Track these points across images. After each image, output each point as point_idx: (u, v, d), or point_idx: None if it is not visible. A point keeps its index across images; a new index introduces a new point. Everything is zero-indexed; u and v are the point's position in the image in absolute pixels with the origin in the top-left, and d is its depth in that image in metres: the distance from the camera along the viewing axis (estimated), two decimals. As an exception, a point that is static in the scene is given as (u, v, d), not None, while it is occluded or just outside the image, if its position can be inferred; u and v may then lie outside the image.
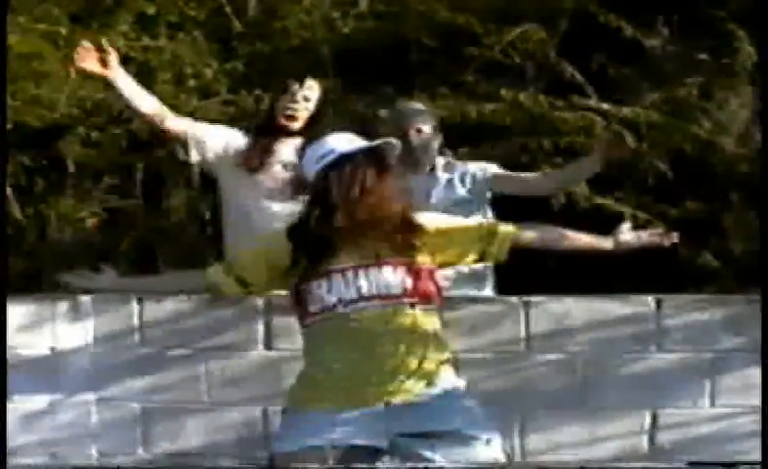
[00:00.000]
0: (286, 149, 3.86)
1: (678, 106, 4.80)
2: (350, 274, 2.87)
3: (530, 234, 3.11)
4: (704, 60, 4.89)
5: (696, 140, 4.71)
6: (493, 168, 4.02)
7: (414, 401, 2.81)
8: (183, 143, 3.93)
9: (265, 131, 3.90)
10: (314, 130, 3.73)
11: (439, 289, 3.01)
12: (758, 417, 3.27)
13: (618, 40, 5.02)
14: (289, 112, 3.83)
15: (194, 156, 3.91)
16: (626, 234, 3.24)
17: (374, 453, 2.85)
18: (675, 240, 3.26)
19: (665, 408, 3.43)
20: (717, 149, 4.63)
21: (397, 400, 2.80)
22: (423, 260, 2.94)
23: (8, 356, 3.35)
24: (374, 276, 2.87)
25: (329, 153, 2.94)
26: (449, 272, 3.43)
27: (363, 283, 2.86)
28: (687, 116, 4.79)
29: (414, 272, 2.91)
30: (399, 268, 2.89)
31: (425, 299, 2.92)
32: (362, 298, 2.86)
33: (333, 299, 2.87)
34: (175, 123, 3.92)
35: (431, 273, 2.97)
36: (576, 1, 5.37)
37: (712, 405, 3.44)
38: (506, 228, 3.07)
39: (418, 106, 4.18)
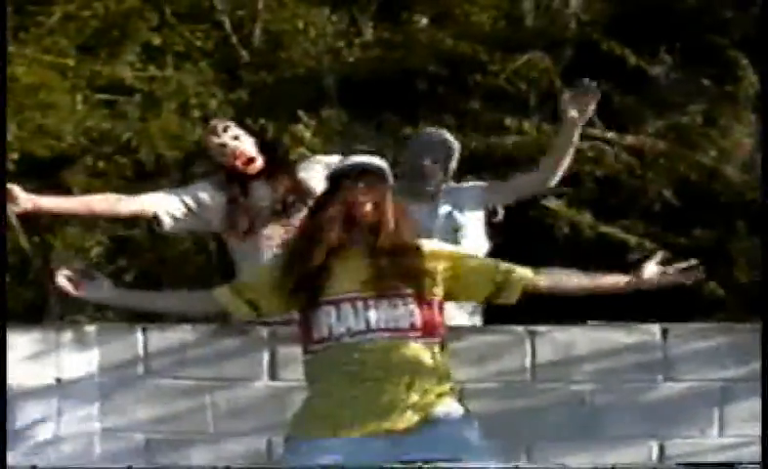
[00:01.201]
0: (257, 191, 3.70)
1: (682, 133, 4.81)
2: (360, 304, 2.86)
3: (546, 281, 3.00)
4: (707, 87, 4.89)
5: (700, 167, 4.72)
6: (483, 183, 4.03)
7: (414, 429, 2.80)
8: (150, 217, 3.72)
9: (233, 184, 3.68)
10: (282, 165, 3.66)
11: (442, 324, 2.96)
12: None
13: (621, 68, 5.03)
14: (243, 158, 3.61)
15: (168, 224, 3.70)
16: (652, 270, 3.00)
17: None
18: (702, 276, 3.01)
19: (673, 439, 3.41)
20: (721, 176, 4.63)
21: (398, 428, 2.79)
22: (434, 292, 2.92)
23: (13, 386, 3.34)
24: (384, 308, 2.86)
25: (336, 171, 2.94)
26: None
27: (372, 315, 2.85)
28: (691, 144, 4.79)
29: (424, 305, 2.89)
30: (408, 300, 2.88)
31: (431, 332, 2.90)
32: (369, 330, 2.85)
33: (342, 329, 2.86)
34: (130, 205, 3.72)
35: (440, 305, 2.94)
36: (579, 30, 5.40)
37: (721, 434, 3.42)
38: (522, 272, 2.98)
39: (435, 134, 4.09)
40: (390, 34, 5.60)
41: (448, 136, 4.05)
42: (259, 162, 3.62)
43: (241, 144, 3.63)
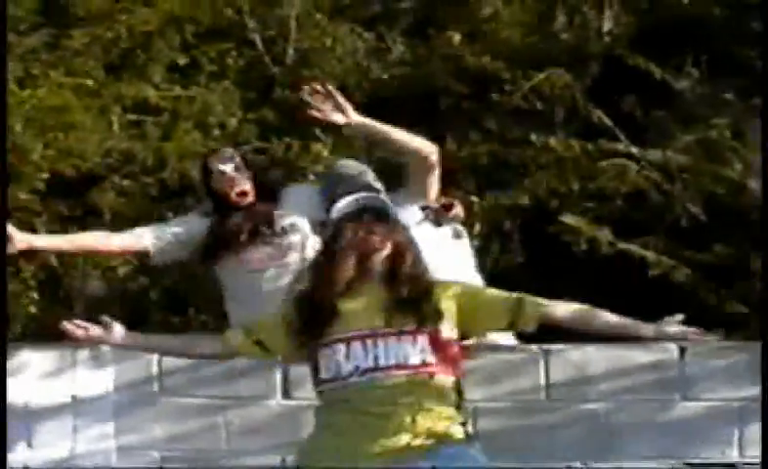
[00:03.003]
0: (235, 218, 3.68)
1: (708, 147, 4.74)
2: (369, 342, 2.83)
3: (561, 313, 2.88)
4: (733, 100, 4.82)
5: (727, 182, 4.64)
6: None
7: (418, 458, 2.77)
8: (140, 251, 3.77)
9: (221, 212, 3.71)
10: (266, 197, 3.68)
11: (460, 357, 2.88)
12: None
13: (647, 83, 4.97)
14: (238, 190, 3.65)
15: (157, 256, 3.73)
16: (673, 326, 2.85)
17: None
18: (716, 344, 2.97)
19: (692, 458, 3.36)
20: (748, 190, 4.55)
21: (402, 458, 2.77)
22: (446, 329, 2.90)
23: (30, 403, 3.38)
24: (393, 345, 2.83)
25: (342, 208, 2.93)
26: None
27: (381, 353, 2.83)
28: (717, 158, 4.72)
29: (436, 342, 2.86)
30: (419, 337, 2.85)
31: (445, 369, 2.87)
32: (378, 368, 2.83)
33: (350, 367, 2.83)
34: (120, 240, 3.77)
35: (452, 342, 2.86)
36: (604, 45, 5.35)
37: (741, 455, 3.36)
38: (535, 301, 2.89)
39: None
40: (413, 53, 5.59)
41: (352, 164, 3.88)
42: (250, 198, 3.69)
43: (240, 177, 3.69)
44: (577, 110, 5.07)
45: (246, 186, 3.69)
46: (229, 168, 3.68)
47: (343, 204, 2.96)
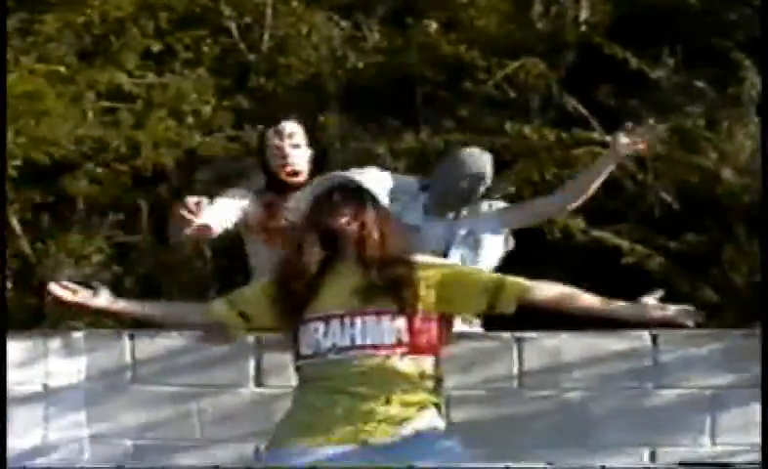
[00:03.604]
0: (292, 201, 3.57)
1: (683, 136, 4.75)
2: (347, 320, 2.84)
3: (542, 293, 2.90)
4: (709, 90, 4.83)
5: (701, 171, 4.66)
6: (502, 204, 3.93)
7: (390, 441, 2.77)
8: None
9: (273, 190, 3.69)
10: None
11: (441, 338, 2.90)
12: (758, 456, 3.20)
13: (623, 72, 4.97)
14: (289, 169, 3.61)
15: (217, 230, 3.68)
16: (653, 304, 2.88)
17: None
18: (700, 320, 2.89)
19: (664, 446, 3.37)
20: (722, 180, 4.57)
21: (373, 440, 2.77)
22: (425, 308, 2.88)
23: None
24: (370, 324, 2.84)
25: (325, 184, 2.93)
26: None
27: (358, 332, 2.83)
28: (692, 147, 4.73)
29: (416, 320, 2.86)
30: (396, 317, 2.85)
31: (421, 348, 2.87)
32: (354, 347, 2.83)
33: (328, 344, 2.84)
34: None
35: (431, 323, 2.88)
36: (581, 33, 5.35)
37: (713, 442, 3.38)
38: (515, 281, 2.91)
39: (479, 158, 3.81)
40: (389, 41, 5.57)
41: (489, 160, 3.81)
42: (303, 177, 3.58)
43: (296, 155, 3.61)
44: (552, 99, 5.07)
45: (301, 165, 3.58)
46: (286, 144, 3.58)
47: (315, 184, 2.96)
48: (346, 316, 2.84)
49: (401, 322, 2.84)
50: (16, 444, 3.43)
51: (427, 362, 2.87)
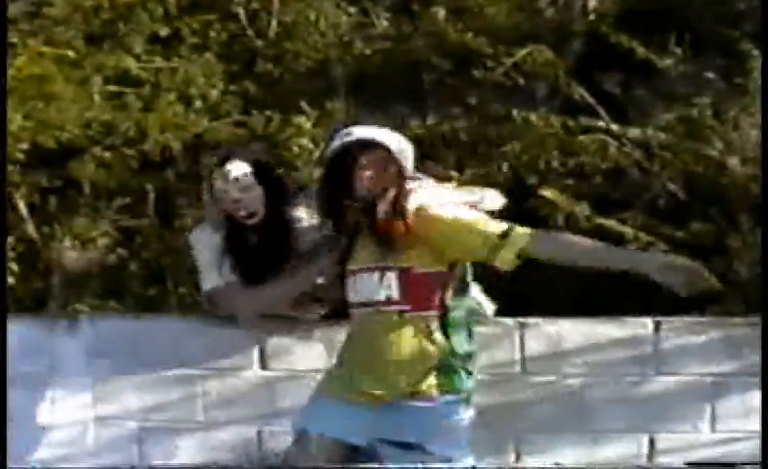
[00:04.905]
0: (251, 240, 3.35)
1: (690, 126, 4.75)
2: (365, 274, 2.91)
3: (547, 246, 2.82)
4: (716, 80, 4.83)
5: (707, 160, 4.66)
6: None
7: (402, 404, 2.86)
8: None
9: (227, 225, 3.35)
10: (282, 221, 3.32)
11: (438, 292, 2.88)
12: (758, 443, 3.21)
13: (630, 61, 4.98)
14: (243, 213, 3.28)
15: None
16: (662, 260, 2.82)
17: (354, 451, 2.93)
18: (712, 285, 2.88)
19: (664, 433, 3.38)
20: (728, 169, 4.57)
21: (381, 400, 2.87)
22: (420, 263, 2.86)
23: (7, 374, 3.37)
24: (365, 280, 2.90)
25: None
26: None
27: (360, 288, 2.92)
28: (699, 137, 4.74)
29: (410, 276, 2.85)
30: (388, 272, 2.86)
31: (416, 305, 2.86)
32: (362, 304, 2.92)
33: (357, 298, 2.95)
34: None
35: (441, 277, 2.88)
36: (589, 22, 5.35)
37: (713, 430, 3.38)
38: (515, 243, 2.79)
39: None
40: (399, 27, 5.58)
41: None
42: (259, 216, 3.30)
43: (247, 197, 3.28)
44: (559, 87, 5.08)
45: (255, 206, 3.30)
46: (233, 190, 3.27)
47: (339, 141, 2.94)
48: (364, 270, 2.92)
49: (391, 279, 2.86)
50: (22, 425, 3.46)
51: (431, 322, 2.86)
